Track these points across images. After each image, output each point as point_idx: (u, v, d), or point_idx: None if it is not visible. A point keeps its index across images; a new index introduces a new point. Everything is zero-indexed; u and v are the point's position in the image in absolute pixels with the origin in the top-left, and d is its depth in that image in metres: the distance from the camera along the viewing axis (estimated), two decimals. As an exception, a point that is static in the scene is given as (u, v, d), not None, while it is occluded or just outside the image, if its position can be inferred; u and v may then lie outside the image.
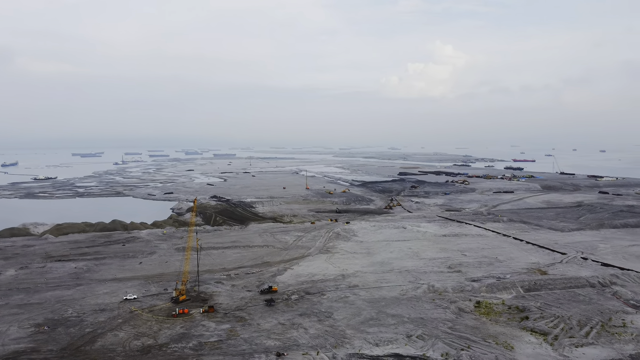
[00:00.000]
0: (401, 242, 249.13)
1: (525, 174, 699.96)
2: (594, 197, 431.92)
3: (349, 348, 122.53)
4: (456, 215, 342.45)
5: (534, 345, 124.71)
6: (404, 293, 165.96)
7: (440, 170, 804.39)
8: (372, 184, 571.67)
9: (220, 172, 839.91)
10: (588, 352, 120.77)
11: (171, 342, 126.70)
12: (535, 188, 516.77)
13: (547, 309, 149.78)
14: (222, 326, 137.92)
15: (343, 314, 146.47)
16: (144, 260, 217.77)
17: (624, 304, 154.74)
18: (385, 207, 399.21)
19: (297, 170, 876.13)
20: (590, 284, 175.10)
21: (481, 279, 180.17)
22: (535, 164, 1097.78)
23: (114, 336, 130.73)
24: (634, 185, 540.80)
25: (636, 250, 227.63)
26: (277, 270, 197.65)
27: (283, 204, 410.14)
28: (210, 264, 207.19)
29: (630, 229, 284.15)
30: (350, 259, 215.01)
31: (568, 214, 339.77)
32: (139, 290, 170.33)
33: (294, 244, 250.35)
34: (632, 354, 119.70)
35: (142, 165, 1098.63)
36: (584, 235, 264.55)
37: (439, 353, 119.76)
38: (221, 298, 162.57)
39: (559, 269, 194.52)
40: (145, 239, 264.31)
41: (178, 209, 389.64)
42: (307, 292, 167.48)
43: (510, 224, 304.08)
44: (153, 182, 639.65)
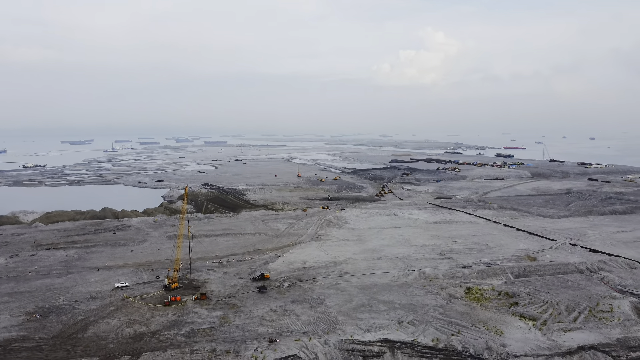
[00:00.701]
0: (392, 229, 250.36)
1: (515, 162, 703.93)
2: (583, 185, 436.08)
3: (340, 334, 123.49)
4: (447, 202, 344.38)
5: (523, 330, 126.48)
6: (395, 279, 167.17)
7: (431, 158, 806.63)
8: (364, 172, 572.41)
9: (211, 159, 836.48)
10: (576, 336, 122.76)
11: (163, 330, 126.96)
12: (525, 175, 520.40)
13: (536, 295, 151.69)
14: (214, 313, 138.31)
15: (335, 301, 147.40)
16: (136, 248, 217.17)
17: (611, 289, 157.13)
18: (377, 194, 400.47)
19: (288, 157, 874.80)
20: (579, 269, 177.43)
21: (471, 266, 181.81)
22: (525, 151, 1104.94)
23: (106, 324, 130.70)
24: (622, 173, 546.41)
25: (623, 236, 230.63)
26: (269, 257, 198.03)
27: (275, 191, 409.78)
28: (202, 252, 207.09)
29: (618, 215, 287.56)
30: (342, 246, 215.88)
31: (557, 201, 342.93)
32: (130, 278, 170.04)
33: (285, 231, 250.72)
34: (619, 338, 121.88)
35: (133, 153, 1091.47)
36: (572, 222, 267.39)
37: (430, 338, 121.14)
38: (213, 285, 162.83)
39: (548, 255, 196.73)
40: (137, 226, 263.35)
41: (169, 196, 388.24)
42: (299, 279, 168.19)
43: (501, 211, 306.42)
44: (144, 170, 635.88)
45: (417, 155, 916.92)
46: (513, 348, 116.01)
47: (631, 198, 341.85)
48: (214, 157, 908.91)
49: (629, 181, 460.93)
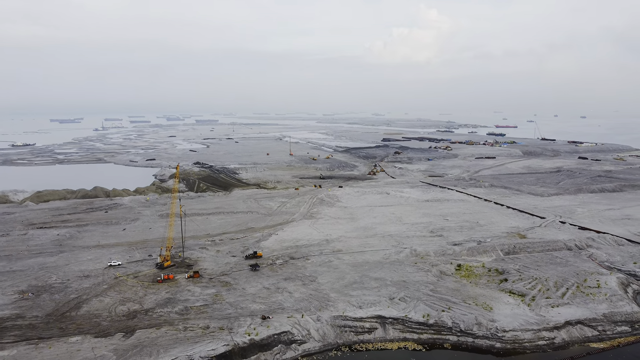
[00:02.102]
0: (384, 208, 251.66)
1: (507, 140, 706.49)
2: (573, 163, 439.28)
3: (332, 310, 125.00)
4: (439, 180, 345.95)
5: (512, 306, 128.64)
6: (387, 257, 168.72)
7: (423, 137, 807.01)
8: (356, 150, 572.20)
9: (202, 138, 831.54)
10: (563, 311, 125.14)
11: (157, 307, 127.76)
12: (517, 154, 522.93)
13: (525, 271, 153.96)
14: (207, 291, 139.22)
15: (327, 278, 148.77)
16: (128, 227, 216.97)
17: (599, 266, 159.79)
18: (369, 173, 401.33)
19: (280, 136, 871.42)
20: (568, 247, 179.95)
21: (462, 243, 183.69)
22: (517, 129, 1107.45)
23: (99, 302, 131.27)
24: (612, 151, 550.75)
25: (612, 214, 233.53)
26: (262, 235, 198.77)
27: (267, 170, 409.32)
28: (194, 230, 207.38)
29: (607, 193, 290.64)
30: (334, 224, 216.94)
31: (548, 179, 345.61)
32: (123, 257, 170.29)
33: (278, 209, 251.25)
34: (605, 313, 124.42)
35: (123, 132, 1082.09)
36: (562, 200, 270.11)
37: (421, 314, 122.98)
38: (206, 263, 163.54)
39: (538, 232, 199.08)
40: (128, 205, 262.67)
41: (161, 175, 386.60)
42: (292, 257, 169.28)
43: (492, 189, 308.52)
44: (134, 149, 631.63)
45: (409, 133, 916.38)
46: (502, 323, 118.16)
47: (620, 176, 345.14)
48: (205, 135, 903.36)
49: (618, 159, 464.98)
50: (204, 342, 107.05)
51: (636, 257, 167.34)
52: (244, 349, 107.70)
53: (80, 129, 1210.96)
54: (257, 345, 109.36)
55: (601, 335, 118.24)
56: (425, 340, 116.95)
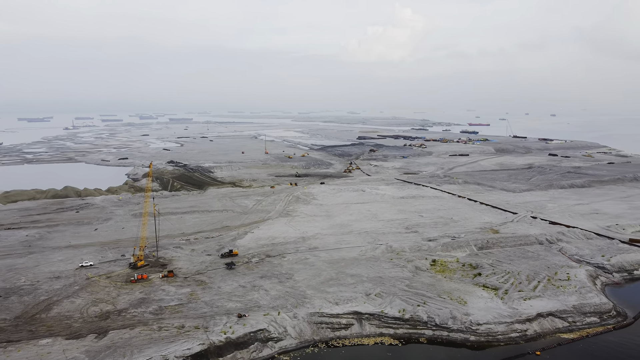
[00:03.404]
0: (360, 205, 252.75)
1: (480, 138, 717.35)
2: (544, 160, 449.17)
3: (309, 307, 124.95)
4: (413, 177, 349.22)
5: (486, 299, 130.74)
6: (363, 253, 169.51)
7: (398, 134, 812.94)
8: (332, 148, 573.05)
9: (176, 136, 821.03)
10: (535, 304, 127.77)
11: (130, 307, 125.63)
12: (489, 151, 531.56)
13: (498, 266, 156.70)
14: (182, 290, 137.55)
15: (303, 275, 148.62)
16: (100, 227, 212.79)
17: (569, 259, 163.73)
18: (345, 170, 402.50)
19: (255, 134, 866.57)
20: (539, 241, 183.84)
21: (437, 239, 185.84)
22: (489, 127, 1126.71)
23: (70, 303, 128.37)
24: (580, 148, 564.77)
25: (581, 209, 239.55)
26: (237, 234, 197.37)
27: (242, 168, 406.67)
28: (168, 229, 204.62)
29: (577, 189, 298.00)
30: (310, 222, 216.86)
31: (519, 175, 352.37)
32: (95, 257, 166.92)
33: (253, 208, 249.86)
34: (575, 305, 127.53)
35: (95, 130, 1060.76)
36: (533, 196, 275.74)
37: (397, 309, 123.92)
38: (181, 263, 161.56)
39: (510, 227, 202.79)
40: (100, 205, 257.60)
41: (134, 174, 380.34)
42: (268, 255, 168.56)
43: (465, 185, 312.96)
44: (106, 148, 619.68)
45: (385, 131, 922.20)
46: (476, 317, 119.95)
47: (589, 172, 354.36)
48: (179, 134, 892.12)
49: (587, 156, 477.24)
50: (179, 342, 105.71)
51: (604, 250, 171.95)
52: (220, 347, 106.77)
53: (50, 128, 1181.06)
54: (233, 344, 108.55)
55: (571, 326, 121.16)
56: (401, 335, 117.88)
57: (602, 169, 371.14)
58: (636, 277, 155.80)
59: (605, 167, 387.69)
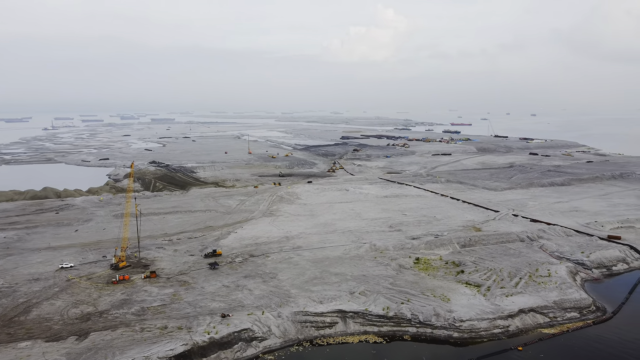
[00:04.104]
0: (344, 204, 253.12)
1: (462, 137, 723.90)
2: (524, 158, 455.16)
3: (293, 306, 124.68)
4: (397, 177, 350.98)
5: (469, 296, 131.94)
6: (347, 252, 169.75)
7: (381, 134, 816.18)
8: (315, 148, 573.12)
9: (158, 137, 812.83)
10: (517, 300, 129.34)
11: (112, 309, 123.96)
12: (471, 150, 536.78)
13: (480, 263, 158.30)
14: (165, 291, 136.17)
15: (287, 275, 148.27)
16: (80, 228, 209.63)
17: (550, 256, 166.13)
18: (328, 170, 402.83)
19: (239, 134, 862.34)
20: (520, 238, 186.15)
21: (420, 237, 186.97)
22: (471, 127, 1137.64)
23: (50, 305, 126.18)
24: (560, 147, 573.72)
25: (561, 206, 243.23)
26: (221, 234, 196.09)
27: (225, 168, 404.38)
28: (151, 230, 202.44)
29: (557, 187, 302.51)
30: (294, 221, 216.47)
31: (501, 174, 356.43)
32: (75, 259, 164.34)
33: (237, 208, 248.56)
34: (555, 301, 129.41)
35: (75, 131, 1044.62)
36: (515, 194, 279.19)
37: (381, 307, 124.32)
38: (163, 263, 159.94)
39: (492, 225, 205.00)
40: (81, 206, 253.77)
41: (115, 175, 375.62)
42: (252, 255, 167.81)
43: (448, 184, 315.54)
44: (87, 148, 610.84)
45: (368, 131, 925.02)
46: (459, 313, 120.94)
47: (568, 171, 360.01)
48: (161, 134, 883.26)
49: (566, 155, 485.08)
50: (162, 342, 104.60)
51: (584, 247, 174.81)
52: (204, 347, 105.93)
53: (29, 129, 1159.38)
54: (217, 344, 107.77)
55: (552, 322, 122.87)
56: (386, 333, 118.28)
57: (581, 168, 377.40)
58: (615, 272, 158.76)
59: (584, 165, 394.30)
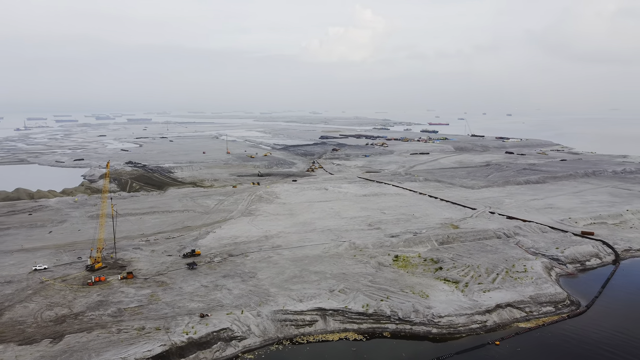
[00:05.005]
0: (323, 203, 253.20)
1: (439, 137, 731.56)
2: (501, 157, 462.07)
3: (273, 305, 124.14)
4: (376, 176, 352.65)
5: (447, 292, 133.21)
6: (327, 251, 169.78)
7: (360, 134, 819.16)
8: (294, 148, 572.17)
9: (135, 137, 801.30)
10: (494, 295, 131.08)
11: (88, 311, 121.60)
12: (449, 149, 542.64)
13: (458, 260, 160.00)
14: (142, 291, 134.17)
15: (267, 274, 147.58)
16: (54, 230, 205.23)
17: (526, 252, 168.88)
18: (308, 169, 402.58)
19: (217, 134, 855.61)
20: (497, 235, 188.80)
21: (399, 235, 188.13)
22: (449, 127, 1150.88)
23: (23, 308, 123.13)
24: (535, 146, 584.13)
25: (536, 203, 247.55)
26: (199, 234, 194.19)
27: (203, 168, 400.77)
28: (127, 230, 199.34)
29: (532, 185, 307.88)
30: (273, 221, 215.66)
31: (478, 172, 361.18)
32: (49, 260, 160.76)
33: (215, 207, 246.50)
34: (531, 295, 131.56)
35: (48, 131, 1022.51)
36: (491, 192, 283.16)
37: (360, 305, 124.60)
38: (140, 264, 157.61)
39: (470, 223, 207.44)
40: (55, 207, 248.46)
41: (90, 175, 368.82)
42: (230, 254, 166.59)
43: (426, 183, 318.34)
44: (61, 149, 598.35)
45: (347, 131, 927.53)
46: (438, 309, 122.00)
47: (543, 169, 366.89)
48: (138, 134, 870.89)
49: (541, 154, 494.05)
50: (139, 344, 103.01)
51: (558, 242, 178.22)
52: (182, 348, 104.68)
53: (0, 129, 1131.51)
54: (195, 344, 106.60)
55: (528, 316, 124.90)
56: (365, 330, 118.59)
57: (556, 166, 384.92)
58: (588, 267, 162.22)
59: (558, 164, 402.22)
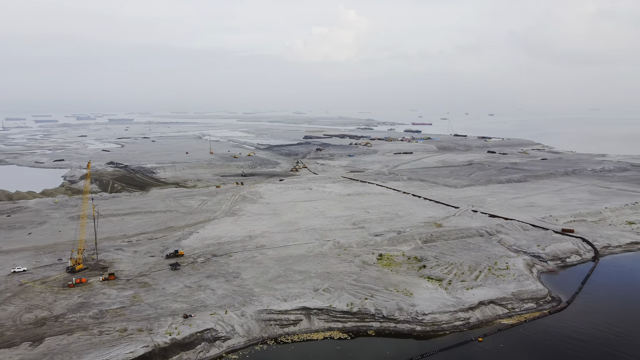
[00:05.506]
0: (307, 203, 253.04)
1: (423, 136, 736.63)
2: (483, 156, 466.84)
3: (257, 305, 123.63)
4: (360, 175, 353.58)
5: (431, 290, 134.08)
6: (311, 250, 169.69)
7: (344, 134, 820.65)
8: (278, 148, 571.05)
9: (116, 137, 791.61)
10: (477, 293, 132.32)
11: (68, 313, 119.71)
12: (432, 149, 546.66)
13: (442, 258, 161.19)
14: (124, 293, 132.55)
15: (251, 274, 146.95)
16: (34, 231, 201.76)
17: (508, 249, 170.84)
18: (292, 169, 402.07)
19: (200, 135, 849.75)
20: (480, 233, 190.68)
21: (383, 234, 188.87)
22: (432, 126, 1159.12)
23: (1, 311, 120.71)
24: (517, 145, 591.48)
25: (518, 202, 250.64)
26: (182, 234, 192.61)
27: (186, 168, 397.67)
28: (109, 231, 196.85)
29: (514, 183, 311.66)
30: (257, 221, 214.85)
31: (461, 171, 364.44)
32: (29, 262, 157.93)
33: (198, 208, 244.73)
34: (513, 292, 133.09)
35: (27, 132, 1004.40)
36: (474, 190, 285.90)
37: (345, 303, 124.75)
38: (122, 265, 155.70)
39: (453, 221, 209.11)
40: (34, 208, 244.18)
41: (71, 176, 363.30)
42: (214, 255, 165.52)
43: (410, 182, 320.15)
44: (41, 149, 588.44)
45: (331, 131, 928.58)
46: (422, 307, 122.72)
47: (525, 168, 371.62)
48: (119, 135, 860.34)
49: (522, 153, 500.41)
50: (121, 345, 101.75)
51: (539, 240, 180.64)
52: (165, 349, 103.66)
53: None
54: (179, 345, 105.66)
55: (510, 313, 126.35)
56: (350, 329, 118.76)
57: (537, 165, 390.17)
58: (569, 264, 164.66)
59: (539, 162, 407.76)
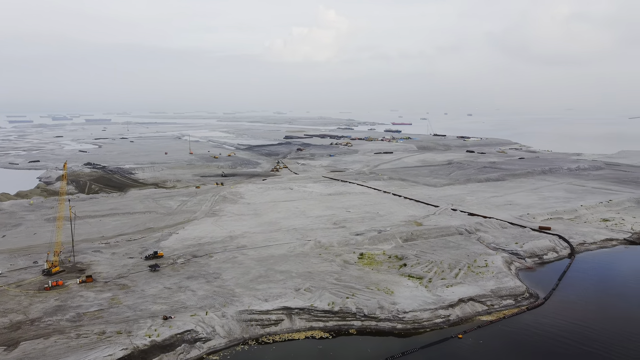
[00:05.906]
0: (288, 203, 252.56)
1: (403, 136, 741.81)
2: (462, 156, 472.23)
3: (238, 305, 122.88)
4: (340, 175, 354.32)
5: (412, 288, 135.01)
6: (292, 250, 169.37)
7: (325, 134, 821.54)
8: (259, 148, 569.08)
9: (94, 138, 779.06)
10: (457, 290, 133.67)
11: (45, 316, 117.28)
12: (412, 149, 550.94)
13: (422, 256, 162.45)
14: (102, 295, 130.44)
15: (232, 274, 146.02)
16: (8, 233, 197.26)
17: (487, 247, 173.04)
18: (272, 169, 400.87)
19: (179, 135, 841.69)
20: (459, 231, 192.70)
21: (364, 233, 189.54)
22: (412, 126, 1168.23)
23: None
24: (495, 145, 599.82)
25: (496, 200, 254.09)
26: (162, 235, 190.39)
27: (165, 169, 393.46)
28: (87, 233, 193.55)
29: (492, 182, 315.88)
30: (237, 221, 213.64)
31: (440, 171, 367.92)
32: (3, 265, 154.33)
33: (178, 208, 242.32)
34: (492, 289, 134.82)
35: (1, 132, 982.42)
36: (454, 190, 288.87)
37: (326, 303, 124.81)
38: (100, 267, 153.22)
39: (433, 220, 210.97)
40: (9, 210, 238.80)
41: (46, 177, 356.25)
42: (194, 255, 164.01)
43: (390, 181, 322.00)
44: (15, 150, 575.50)
45: (311, 131, 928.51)
46: (403, 305, 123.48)
47: (503, 167, 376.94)
48: (97, 135, 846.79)
49: (501, 152, 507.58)
50: (99, 348, 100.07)
51: (517, 237, 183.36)
52: (145, 351, 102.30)
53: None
54: (158, 347, 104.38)
55: (490, 309, 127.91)
56: (331, 328, 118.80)
57: (515, 164, 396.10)
58: (546, 261, 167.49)
59: (517, 162, 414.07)
